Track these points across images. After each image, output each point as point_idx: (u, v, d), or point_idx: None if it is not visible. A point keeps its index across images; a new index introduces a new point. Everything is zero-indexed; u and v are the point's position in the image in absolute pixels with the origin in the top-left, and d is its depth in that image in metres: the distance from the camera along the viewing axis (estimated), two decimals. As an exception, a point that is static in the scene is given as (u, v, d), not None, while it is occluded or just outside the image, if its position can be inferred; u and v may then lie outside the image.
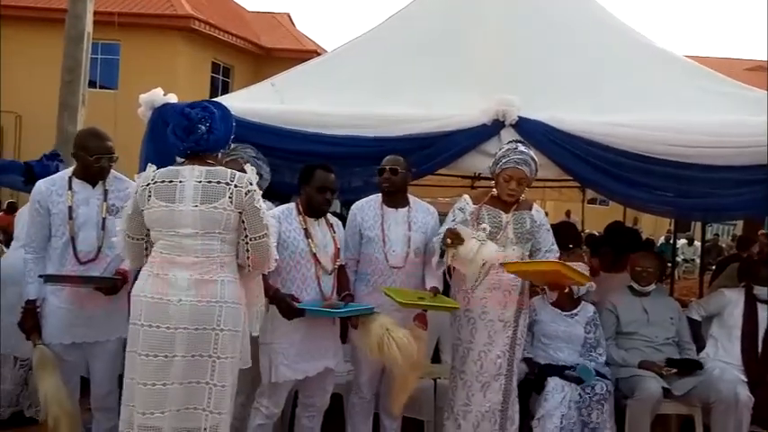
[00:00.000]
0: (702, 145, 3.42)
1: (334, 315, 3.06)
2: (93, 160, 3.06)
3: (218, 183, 2.49)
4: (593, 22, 4.24)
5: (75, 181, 3.10)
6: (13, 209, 13.10)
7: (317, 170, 3.11)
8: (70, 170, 3.18)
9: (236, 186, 2.49)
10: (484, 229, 3.13)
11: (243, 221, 2.50)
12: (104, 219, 3.08)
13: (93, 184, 3.12)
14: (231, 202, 2.47)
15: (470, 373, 3.29)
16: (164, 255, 2.51)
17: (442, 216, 3.52)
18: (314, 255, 3.08)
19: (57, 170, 3.66)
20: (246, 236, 2.51)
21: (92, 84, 7.89)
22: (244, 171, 3.38)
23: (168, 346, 2.44)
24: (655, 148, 3.46)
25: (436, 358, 4.09)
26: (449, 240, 3.08)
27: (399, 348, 2.92)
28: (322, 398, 3.26)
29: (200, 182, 2.49)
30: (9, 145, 17.44)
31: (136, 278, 2.96)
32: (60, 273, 3.04)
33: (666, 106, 3.69)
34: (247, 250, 2.52)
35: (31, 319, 3.07)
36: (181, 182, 2.50)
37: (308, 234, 3.10)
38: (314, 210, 3.14)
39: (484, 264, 3.09)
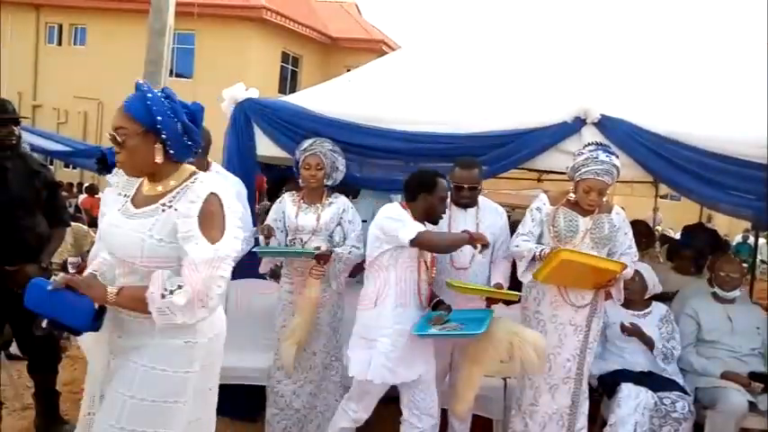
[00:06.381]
0: None
1: (469, 336, 2.90)
2: None
3: None
4: (678, 16, 4.06)
5: None
6: (92, 191, 13.77)
7: (439, 179, 3.01)
8: None
9: None
10: None
11: None
12: None
13: None
14: None
15: (538, 375, 3.22)
16: None
17: (509, 211, 3.47)
18: (423, 261, 3.03)
19: None
20: None
21: (169, 72, 8.15)
22: (321, 166, 3.45)
23: None
24: (742, 149, 3.29)
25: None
26: None
27: (535, 348, 2.89)
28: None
29: None
30: (91, 130, 18.34)
31: None
32: None
33: (753, 104, 3.49)
34: None
35: None
36: None
37: None
38: (434, 218, 3.05)
39: None
